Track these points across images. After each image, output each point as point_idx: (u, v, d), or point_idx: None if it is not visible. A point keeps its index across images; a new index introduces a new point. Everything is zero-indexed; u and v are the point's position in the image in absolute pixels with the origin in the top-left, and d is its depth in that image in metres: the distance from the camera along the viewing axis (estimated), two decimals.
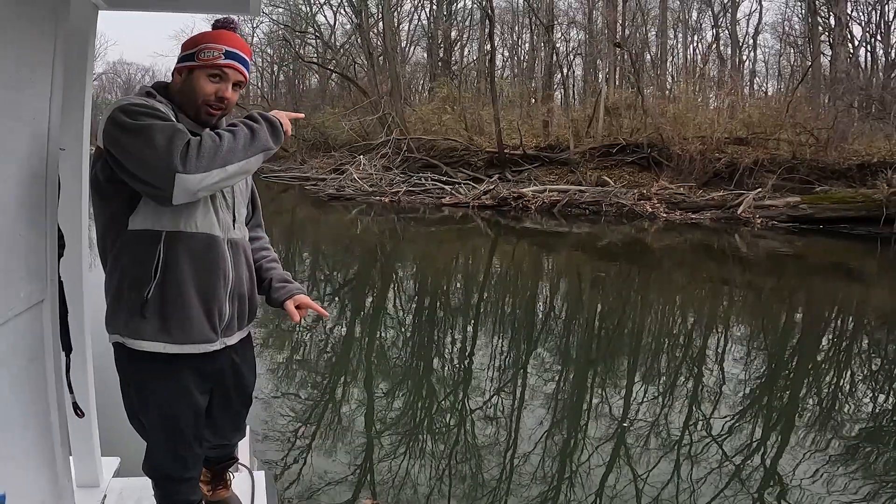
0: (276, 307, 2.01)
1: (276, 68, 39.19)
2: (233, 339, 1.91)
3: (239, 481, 2.46)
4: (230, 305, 1.85)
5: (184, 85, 1.77)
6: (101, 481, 2.33)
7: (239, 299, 1.88)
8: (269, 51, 37.45)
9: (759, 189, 16.13)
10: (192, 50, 1.76)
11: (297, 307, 1.97)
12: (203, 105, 1.75)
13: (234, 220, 1.86)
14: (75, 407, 1.85)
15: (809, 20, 24.05)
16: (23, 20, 1.59)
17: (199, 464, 1.97)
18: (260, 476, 2.53)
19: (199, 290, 1.77)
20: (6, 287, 1.58)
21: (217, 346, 1.84)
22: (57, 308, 1.81)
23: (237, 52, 1.77)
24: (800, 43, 26.94)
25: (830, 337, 7.78)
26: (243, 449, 2.72)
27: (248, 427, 2.83)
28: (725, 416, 4.77)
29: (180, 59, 1.78)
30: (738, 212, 15.34)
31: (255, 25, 33.15)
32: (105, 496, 2.32)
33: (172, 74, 1.81)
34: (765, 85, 29.83)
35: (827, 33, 23.71)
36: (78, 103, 2.05)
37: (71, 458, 1.99)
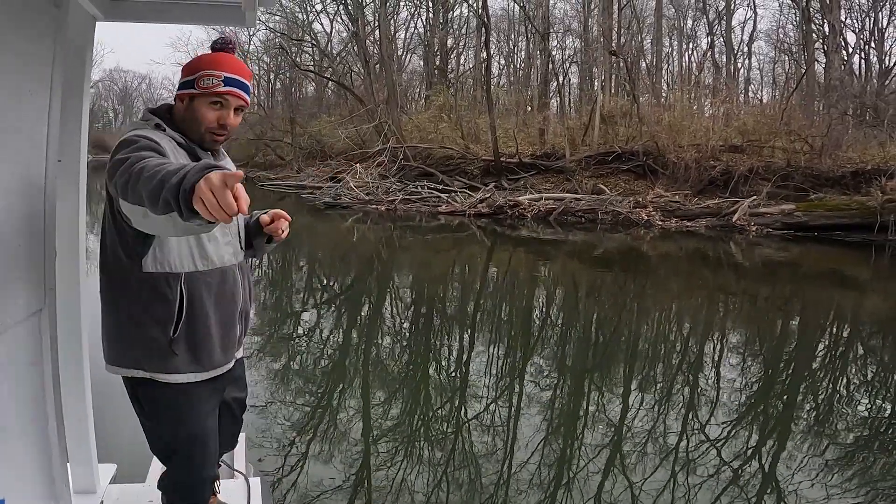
0: (257, 238, 1.99)
1: (272, 76, 39.30)
2: (240, 353, 2.02)
3: (235, 487, 2.47)
4: (240, 325, 1.94)
5: (186, 113, 1.78)
6: (97, 488, 2.34)
7: (244, 317, 1.96)
8: (265, 59, 37.54)
9: (754, 196, 16.21)
10: (191, 77, 1.76)
11: (271, 222, 1.95)
12: (207, 132, 1.78)
13: (241, 243, 1.94)
14: None
15: (804, 27, 24.17)
16: (22, 32, 1.61)
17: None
18: (256, 482, 2.54)
19: (219, 320, 1.84)
20: (5, 296, 1.60)
21: (231, 364, 1.93)
22: (55, 316, 1.83)
23: (236, 77, 1.76)
24: (794, 50, 27.12)
25: (825, 344, 7.81)
26: (239, 455, 2.73)
27: (243, 434, 2.85)
28: (721, 423, 4.79)
29: (181, 86, 1.79)
30: (734, 219, 15.40)
31: (251, 34, 33.25)
32: (102, 502, 2.33)
33: (174, 100, 1.82)
34: (759, 92, 30.01)
35: (821, 40, 23.85)
36: (76, 114, 2.06)
37: (68, 464, 2.01)
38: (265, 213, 1.99)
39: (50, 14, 1.75)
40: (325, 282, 11.12)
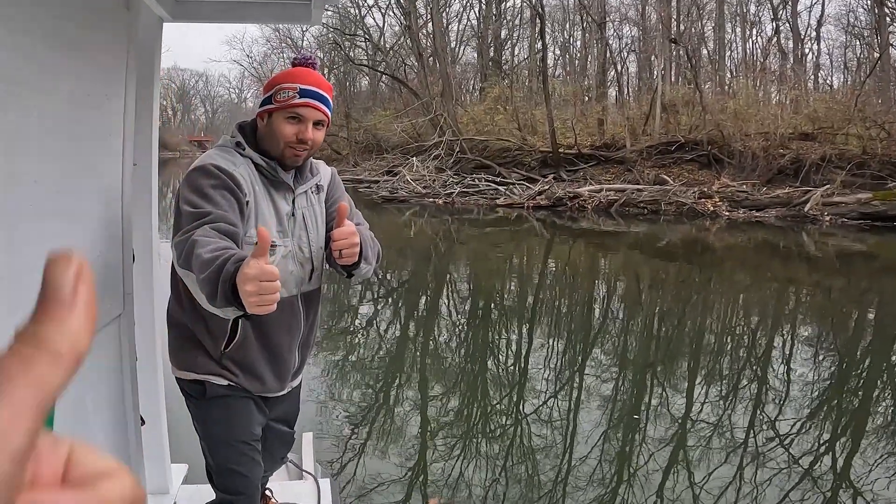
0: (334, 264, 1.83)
1: (326, 71, 39.83)
2: (296, 381, 2.00)
3: (304, 489, 2.50)
4: (298, 356, 1.92)
5: (266, 130, 1.75)
6: (171, 488, 2.36)
7: (304, 347, 1.94)
8: (319, 54, 38.07)
9: (827, 185, 15.53)
10: (269, 92, 1.75)
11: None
12: (286, 148, 1.72)
13: (312, 272, 1.84)
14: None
15: (876, 11, 22.93)
16: (96, 37, 1.65)
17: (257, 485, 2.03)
18: (325, 484, 2.55)
19: (270, 350, 1.82)
20: None
21: (283, 392, 1.93)
22: (133, 320, 1.87)
23: (312, 88, 1.71)
24: (866, 34, 25.76)
25: None
26: (307, 456, 2.76)
27: (310, 434, 2.90)
28: (791, 420, 4.61)
29: (261, 103, 1.78)
30: (806, 209, 14.79)
31: (304, 29, 33.82)
32: (175, 502, 2.36)
33: (256, 118, 1.80)
34: (830, 78, 28.59)
35: None
36: (147, 117, 2.08)
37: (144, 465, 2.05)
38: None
39: (121, 17, 1.77)
40: (382, 275, 11.23)
